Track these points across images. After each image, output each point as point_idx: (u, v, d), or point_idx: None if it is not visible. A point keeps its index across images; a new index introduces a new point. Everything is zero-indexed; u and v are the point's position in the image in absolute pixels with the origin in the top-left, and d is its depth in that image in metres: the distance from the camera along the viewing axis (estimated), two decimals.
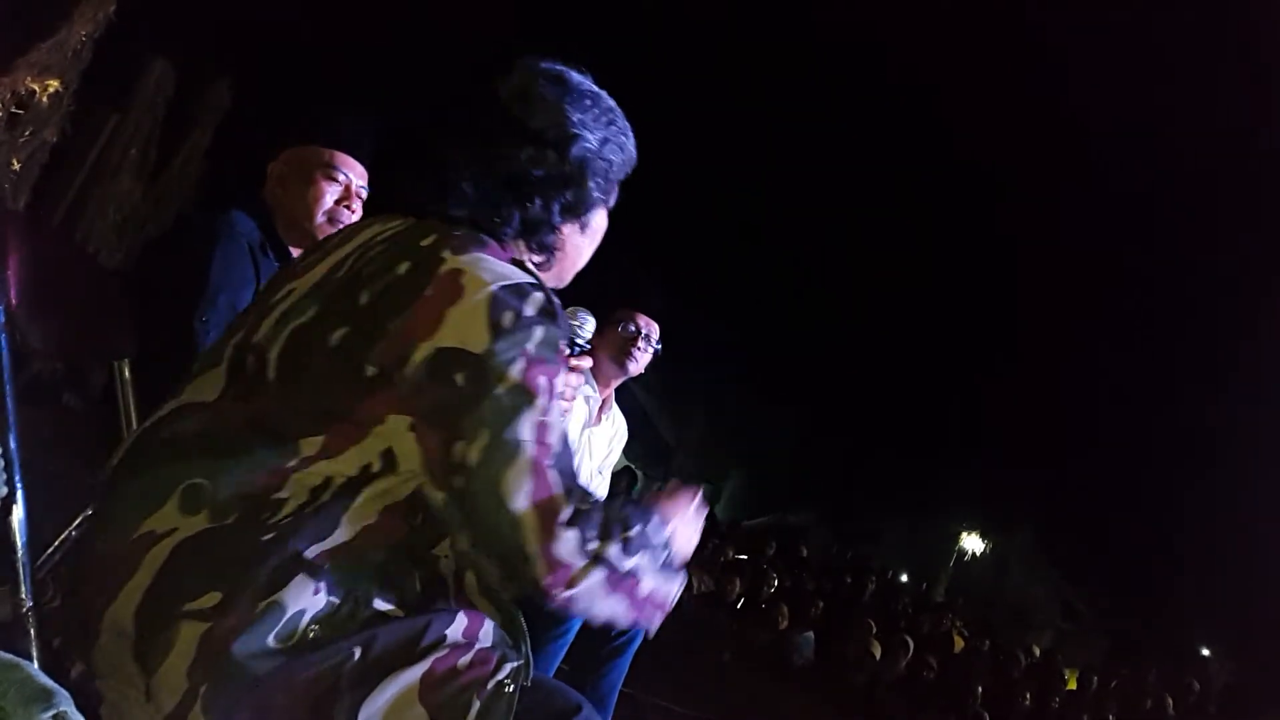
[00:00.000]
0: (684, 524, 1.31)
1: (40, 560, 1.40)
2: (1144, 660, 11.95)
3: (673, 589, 1.23)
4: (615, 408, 2.90)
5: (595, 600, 1.12)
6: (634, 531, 1.16)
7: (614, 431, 2.90)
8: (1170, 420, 14.55)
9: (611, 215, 1.36)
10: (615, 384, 2.82)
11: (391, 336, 1.05)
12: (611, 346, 2.72)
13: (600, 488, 2.87)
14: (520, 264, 1.15)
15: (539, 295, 1.09)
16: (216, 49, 7.85)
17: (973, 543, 19.66)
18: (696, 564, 7.97)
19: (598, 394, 2.77)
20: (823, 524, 17.43)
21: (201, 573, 0.99)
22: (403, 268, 1.09)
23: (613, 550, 1.11)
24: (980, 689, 7.72)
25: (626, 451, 3.17)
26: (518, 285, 1.08)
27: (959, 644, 9.02)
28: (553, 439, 1.07)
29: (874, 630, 7.77)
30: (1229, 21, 10.17)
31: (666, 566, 1.23)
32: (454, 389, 1.03)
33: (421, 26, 9.07)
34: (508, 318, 1.05)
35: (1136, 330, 14.31)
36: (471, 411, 1.03)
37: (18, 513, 1.18)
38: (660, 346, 2.77)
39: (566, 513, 1.06)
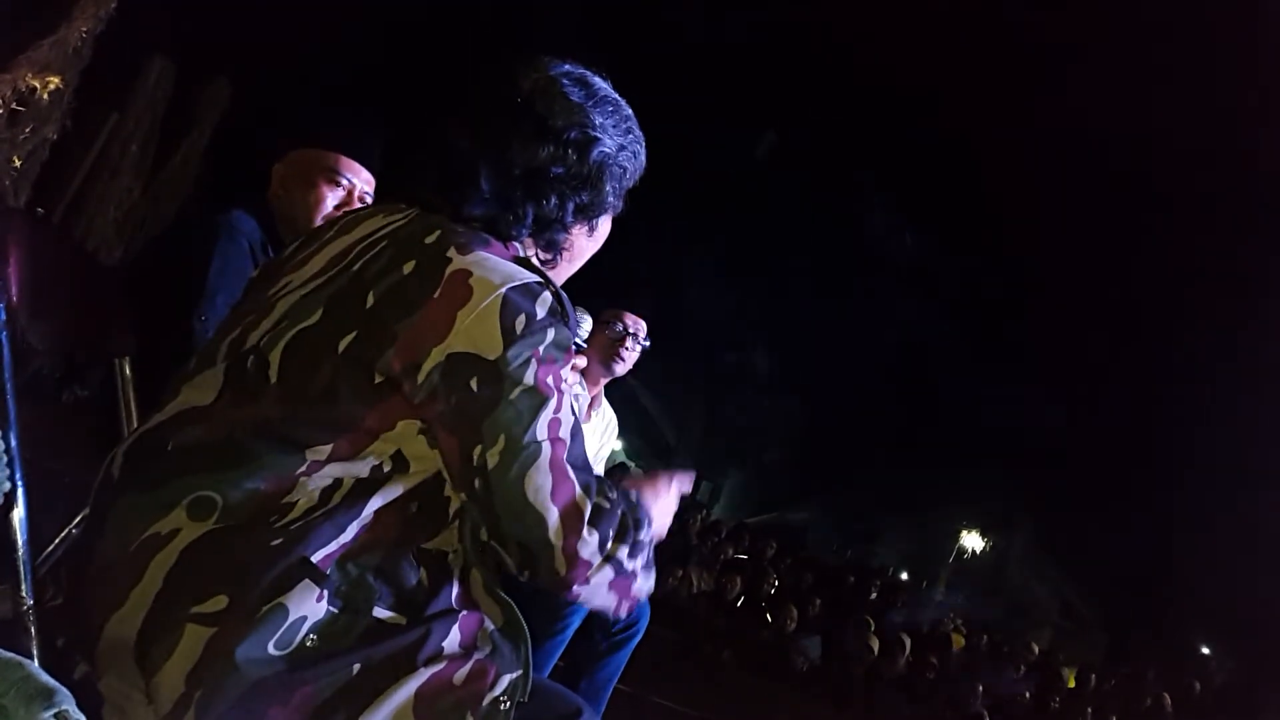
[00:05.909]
0: (664, 510, 1.33)
1: (40, 558, 1.40)
2: (1143, 659, 11.96)
3: (651, 583, 1.24)
4: (605, 402, 2.96)
5: (596, 596, 1.13)
6: (642, 534, 1.18)
7: (604, 426, 2.95)
8: (1170, 419, 14.56)
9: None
10: (604, 382, 2.86)
11: (401, 342, 1.04)
12: (599, 349, 2.79)
13: None
14: (526, 262, 1.13)
15: (548, 295, 1.09)
16: (217, 47, 7.85)
17: (972, 541, 19.67)
18: (696, 563, 7.98)
19: (586, 392, 2.83)
20: (823, 523, 17.45)
21: (209, 575, 0.99)
22: (408, 267, 1.08)
23: (622, 552, 1.13)
24: (980, 688, 7.73)
25: (628, 450, 3.20)
26: (527, 285, 1.08)
27: (958, 643, 9.03)
28: (565, 433, 1.08)
29: (873, 628, 7.77)
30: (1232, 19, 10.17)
31: (649, 563, 1.24)
32: (470, 395, 1.04)
33: (429, 30, 9.06)
34: (520, 322, 1.05)
35: (1137, 329, 14.31)
36: (488, 416, 1.04)
37: (18, 511, 1.18)
38: (649, 343, 2.80)
39: (589, 510, 1.09)
